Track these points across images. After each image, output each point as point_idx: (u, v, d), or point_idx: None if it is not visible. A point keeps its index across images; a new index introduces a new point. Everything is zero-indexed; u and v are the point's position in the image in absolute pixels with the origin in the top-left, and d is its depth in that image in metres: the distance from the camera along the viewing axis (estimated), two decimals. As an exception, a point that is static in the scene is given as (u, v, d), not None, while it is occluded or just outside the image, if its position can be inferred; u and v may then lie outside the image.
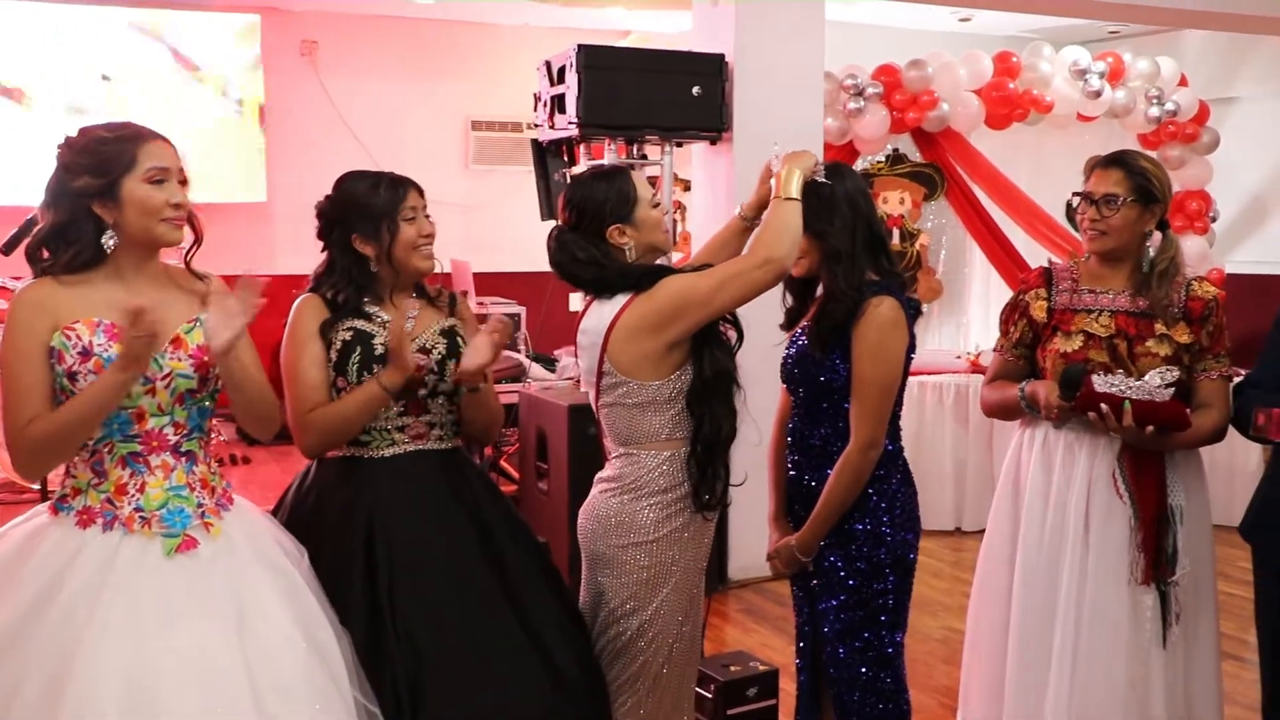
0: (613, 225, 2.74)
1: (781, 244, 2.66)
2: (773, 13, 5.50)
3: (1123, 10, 6.84)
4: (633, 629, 2.76)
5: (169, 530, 2.39)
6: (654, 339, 2.67)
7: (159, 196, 2.39)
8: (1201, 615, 2.96)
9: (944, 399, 6.60)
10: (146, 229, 2.40)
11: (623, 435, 2.76)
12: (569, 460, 5.18)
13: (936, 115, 6.80)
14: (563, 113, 5.27)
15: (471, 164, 8.84)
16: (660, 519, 2.73)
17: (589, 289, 2.80)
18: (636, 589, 2.74)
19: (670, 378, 2.71)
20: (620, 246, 2.75)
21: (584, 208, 2.76)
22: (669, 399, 2.71)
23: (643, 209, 2.77)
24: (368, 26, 8.46)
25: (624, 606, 2.75)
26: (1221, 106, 8.08)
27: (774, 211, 2.72)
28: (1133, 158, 2.95)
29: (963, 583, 5.41)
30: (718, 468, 2.76)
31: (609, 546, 2.75)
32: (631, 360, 2.68)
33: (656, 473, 2.73)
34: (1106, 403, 2.75)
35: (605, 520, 2.76)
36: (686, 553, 2.77)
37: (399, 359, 2.64)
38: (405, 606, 2.59)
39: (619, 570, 2.75)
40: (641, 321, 2.67)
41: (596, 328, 2.72)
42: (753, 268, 2.65)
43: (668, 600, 2.75)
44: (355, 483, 2.71)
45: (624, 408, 2.72)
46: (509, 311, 7.59)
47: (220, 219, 7.77)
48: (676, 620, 2.78)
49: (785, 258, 2.66)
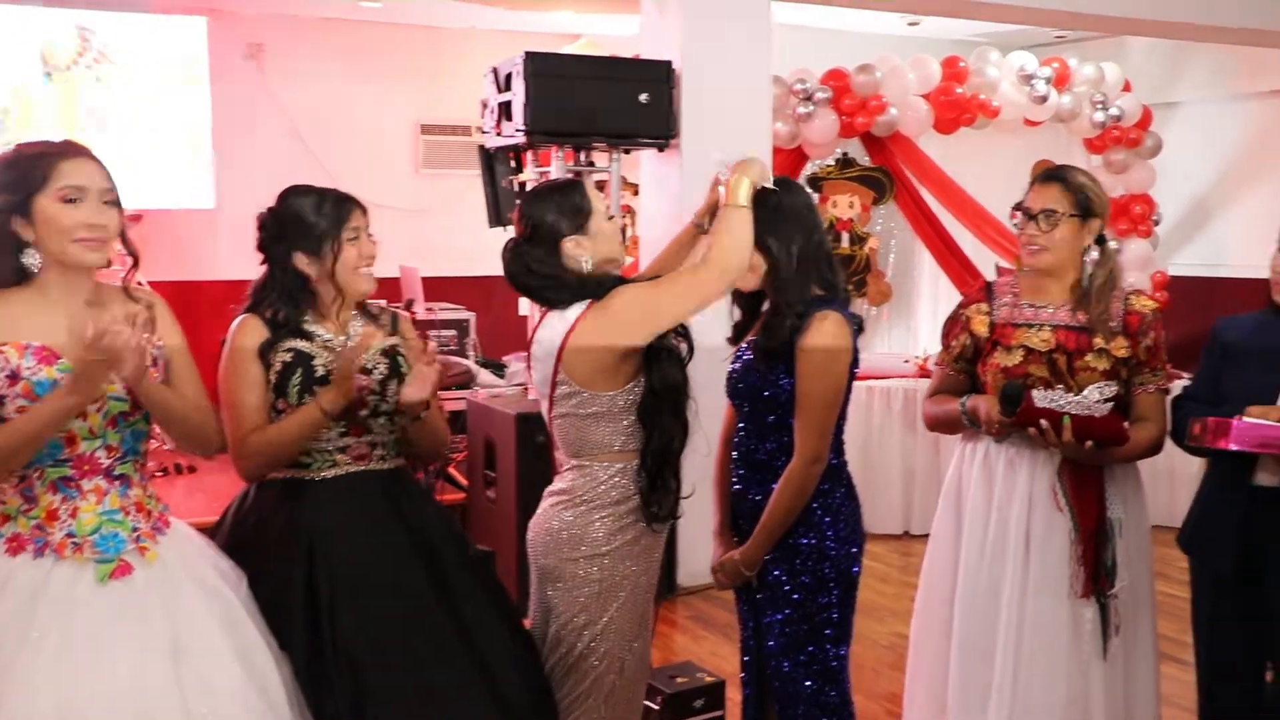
0: (567, 238, 2.73)
1: (734, 253, 2.67)
2: (720, 18, 5.51)
3: (1068, 18, 6.90)
4: (584, 644, 2.75)
5: (102, 556, 2.35)
6: (608, 350, 2.67)
7: (71, 216, 2.32)
8: (1140, 626, 3.00)
9: (892, 403, 6.64)
10: (60, 249, 2.33)
11: (575, 447, 2.75)
12: (517, 469, 5.17)
13: (885, 120, 6.83)
14: (510, 120, 5.25)
15: (421, 168, 8.77)
16: (612, 531, 2.72)
17: (544, 302, 2.79)
18: (588, 602, 2.73)
19: (624, 389, 2.71)
20: (575, 258, 2.74)
21: (538, 221, 2.75)
22: (622, 410, 2.71)
23: (597, 221, 2.76)
24: (315, 29, 8.37)
25: (575, 620, 2.74)
26: (1164, 111, 8.18)
27: (724, 220, 2.72)
28: (1070, 173, 2.98)
29: (910, 587, 5.41)
30: (668, 480, 2.76)
31: (560, 560, 2.74)
32: (586, 371, 2.68)
33: (609, 485, 2.72)
34: (1046, 418, 2.77)
35: (557, 533, 2.75)
36: (638, 565, 2.77)
37: (343, 382, 2.62)
38: (346, 631, 2.56)
39: (570, 584, 2.74)
40: (597, 332, 2.66)
41: (551, 339, 2.71)
42: (706, 279, 2.66)
43: (619, 614, 2.75)
44: (296, 505, 2.68)
45: (577, 418, 2.72)
46: (458, 318, 7.55)
47: (167, 225, 7.69)
48: (628, 634, 2.78)
49: (738, 267, 2.68)
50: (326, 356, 2.70)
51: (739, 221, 2.70)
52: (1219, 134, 8.55)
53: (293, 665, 2.50)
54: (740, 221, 2.70)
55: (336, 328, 2.76)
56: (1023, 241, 2.98)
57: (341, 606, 2.58)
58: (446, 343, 7.51)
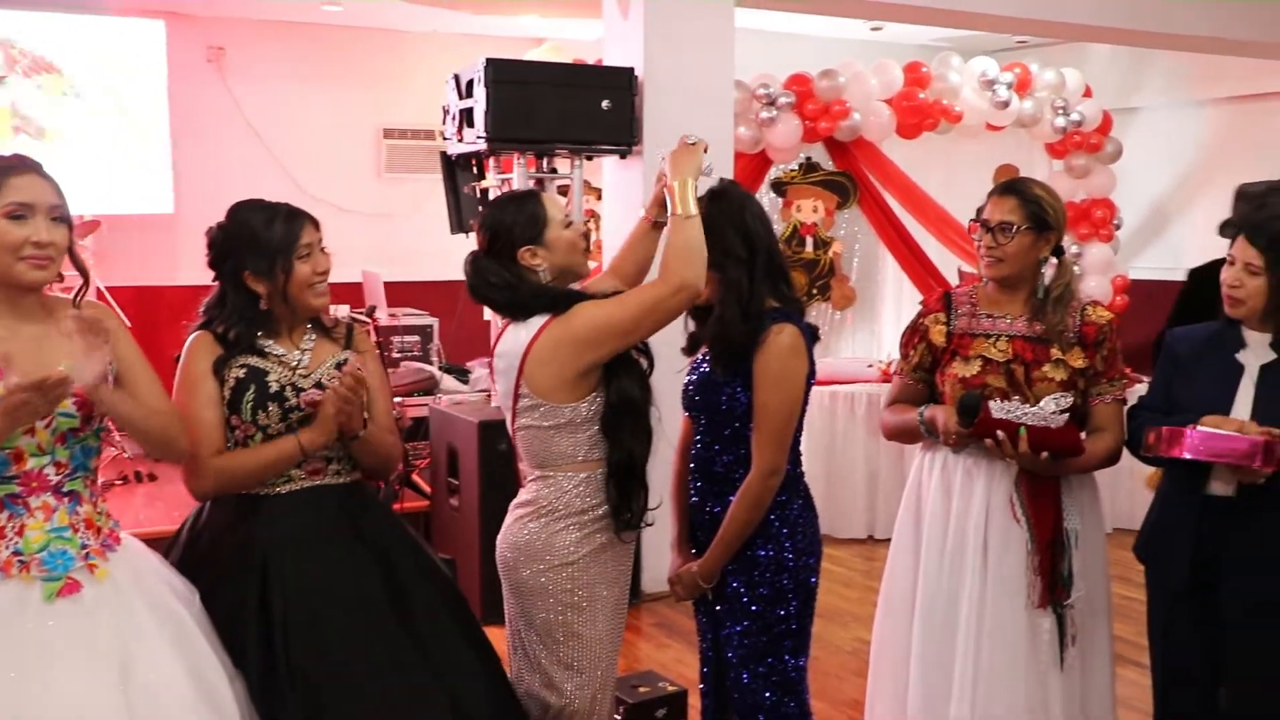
0: (523, 248, 2.74)
1: (690, 266, 2.67)
2: (683, 23, 5.50)
3: (1029, 25, 6.95)
4: (563, 658, 2.74)
5: (50, 574, 2.32)
6: (570, 364, 2.67)
7: (17, 233, 2.29)
8: (1097, 633, 3.02)
9: (856, 408, 6.65)
10: (5, 267, 2.31)
11: (539, 458, 2.75)
12: (480, 476, 5.15)
13: (848, 125, 6.85)
14: (471, 126, 5.23)
15: (384, 172, 8.73)
16: (580, 538, 2.72)
17: (503, 312, 2.81)
18: (565, 613, 2.72)
19: (586, 400, 2.71)
20: (532, 268, 2.74)
21: (495, 231, 2.77)
22: (585, 420, 2.71)
23: (554, 230, 2.77)
24: (276, 33, 8.32)
25: (553, 635, 2.73)
26: (1124, 116, 8.25)
27: (675, 232, 2.71)
28: (1027, 186, 2.99)
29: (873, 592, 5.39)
30: (635, 490, 2.76)
31: (532, 573, 2.73)
32: (547, 383, 2.68)
33: (574, 494, 2.72)
34: (1002, 429, 2.78)
35: (525, 547, 2.74)
36: (608, 575, 2.77)
37: (327, 422, 2.62)
38: (301, 649, 2.53)
39: (545, 596, 2.73)
40: (558, 346, 2.66)
41: (513, 351, 2.71)
42: (667, 295, 2.66)
43: (597, 624, 2.74)
44: (251, 521, 2.65)
45: (540, 430, 2.72)
46: (421, 323, 7.52)
47: (126, 230, 7.62)
48: (607, 645, 2.77)
49: (697, 280, 2.67)
50: (280, 372, 2.67)
51: (691, 230, 2.69)
52: (1178, 139, 8.63)
53: (247, 683, 2.47)
54: (692, 230, 2.69)
55: (290, 343, 2.73)
56: (981, 253, 3.00)
57: (295, 622, 2.55)
58: (410, 348, 7.48)
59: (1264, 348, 2.85)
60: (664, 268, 2.69)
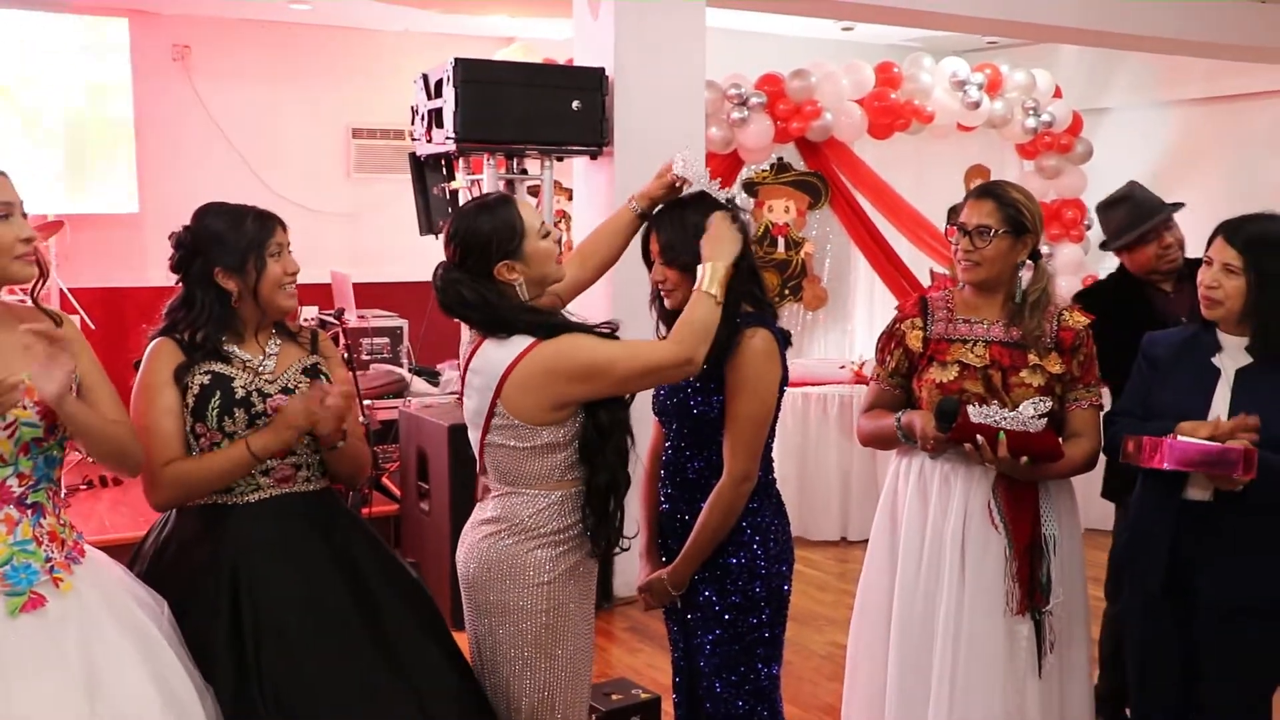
0: (500, 262, 2.59)
1: (702, 347, 2.59)
2: (653, 23, 5.46)
3: (999, 26, 6.96)
4: (541, 679, 2.64)
5: (13, 589, 2.26)
6: (555, 394, 2.55)
7: (7, 233, 2.28)
8: (1075, 638, 3.00)
9: (829, 410, 6.64)
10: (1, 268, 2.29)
11: (509, 475, 2.63)
12: (450, 480, 5.11)
13: (820, 125, 6.84)
14: (441, 127, 5.17)
15: (353, 172, 8.66)
16: (554, 557, 2.61)
17: (480, 330, 2.65)
18: (539, 634, 2.62)
19: (566, 423, 2.60)
20: (510, 283, 2.61)
21: (469, 244, 2.60)
22: (563, 443, 2.60)
23: (532, 241, 2.61)
24: (243, 31, 8.23)
25: (528, 655, 2.63)
26: (1094, 117, 8.28)
27: (697, 307, 2.62)
28: (1004, 189, 2.97)
29: (848, 595, 5.42)
30: (613, 513, 2.67)
31: (503, 595, 2.62)
32: (527, 407, 2.56)
33: (548, 513, 2.62)
34: (981, 434, 2.76)
35: (495, 566, 2.62)
36: (580, 586, 2.69)
37: (284, 431, 2.57)
38: (272, 665, 2.48)
39: (515, 618, 2.62)
40: (545, 375, 2.54)
41: (490, 370, 2.57)
42: (671, 365, 2.57)
43: (571, 641, 2.66)
44: (218, 532, 2.60)
45: (514, 450, 2.60)
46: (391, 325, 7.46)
47: (90, 230, 7.53)
48: (582, 657, 2.71)
49: (701, 360, 2.59)
50: (246, 377, 2.63)
51: (711, 312, 2.61)
52: (1147, 140, 8.66)
53: (218, 698, 2.42)
54: (712, 312, 2.61)
55: (256, 347, 2.68)
56: (958, 257, 2.97)
57: (267, 640, 2.50)
58: (380, 350, 7.42)
59: (1239, 351, 2.84)
60: (677, 336, 2.60)
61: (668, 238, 2.79)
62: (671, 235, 2.79)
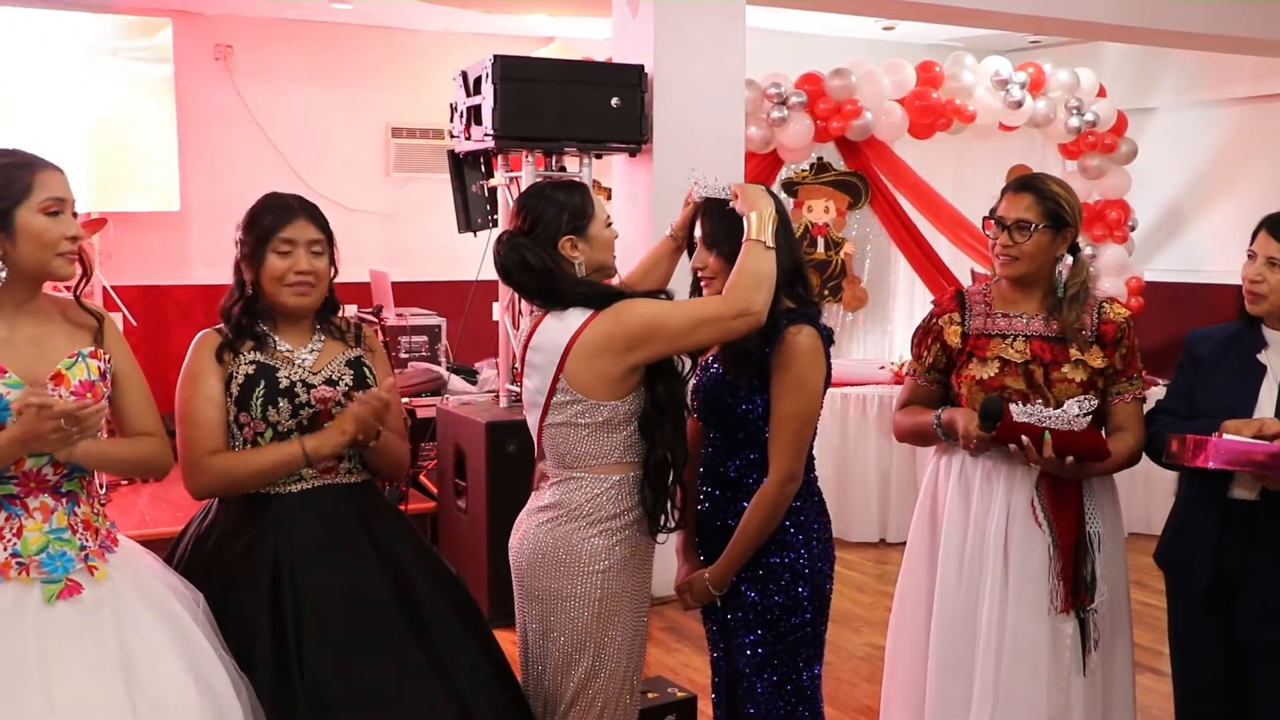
0: (566, 237, 2.66)
1: (759, 295, 2.57)
2: (693, 22, 5.44)
3: (1042, 24, 6.88)
4: (587, 667, 2.65)
5: (50, 576, 2.28)
6: (617, 361, 2.58)
7: (56, 229, 2.30)
8: (1118, 639, 2.96)
9: (868, 410, 6.60)
10: (42, 262, 2.30)
11: (568, 458, 2.65)
12: (487, 478, 5.10)
13: (860, 124, 6.80)
14: (479, 124, 5.17)
15: (392, 171, 8.69)
16: (609, 546, 2.62)
17: (534, 297, 2.70)
18: (590, 623, 2.63)
19: (627, 398, 2.62)
20: (571, 260, 2.67)
21: (540, 214, 2.68)
22: (624, 420, 2.63)
23: (597, 226, 2.71)
24: (285, 31, 8.27)
25: (578, 643, 2.64)
26: (1139, 117, 8.17)
27: (748, 257, 2.61)
28: (1043, 182, 2.92)
29: (886, 596, 5.38)
30: (672, 492, 2.69)
31: (556, 582, 2.63)
32: (590, 379, 2.58)
33: (605, 498, 2.63)
34: (1026, 434, 2.71)
35: (549, 554, 2.63)
36: (635, 579, 2.69)
37: (339, 436, 2.57)
38: (313, 655, 2.49)
39: (568, 606, 2.63)
40: (608, 341, 2.57)
41: (552, 344, 2.61)
42: (729, 315, 2.57)
43: (621, 631, 2.66)
44: (261, 522, 2.60)
45: (575, 428, 2.62)
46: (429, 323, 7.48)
47: (133, 228, 7.59)
48: (633, 653, 2.70)
49: (762, 309, 2.58)
50: (289, 369, 2.64)
51: (764, 260, 2.61)
52: (1193, 140, 8.54)
53: (257, 688, 2.42)
54: (766, 259, 2.61)
55: (297, 340, 2.69)
56: (996, 251, 2.93)
57: (308, 630, 2.50)
58: (418, 348, 7.44)
59: (1286, 347, 2.79)
60: (731, 288, 2.59)
61: (713, 224, 2.80)
62: (717, 223, 2.79)
